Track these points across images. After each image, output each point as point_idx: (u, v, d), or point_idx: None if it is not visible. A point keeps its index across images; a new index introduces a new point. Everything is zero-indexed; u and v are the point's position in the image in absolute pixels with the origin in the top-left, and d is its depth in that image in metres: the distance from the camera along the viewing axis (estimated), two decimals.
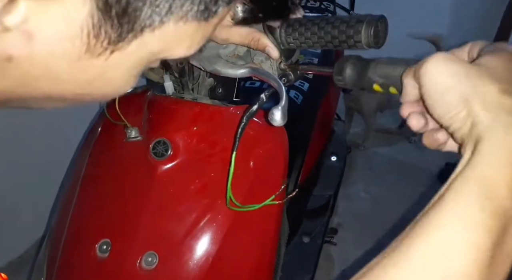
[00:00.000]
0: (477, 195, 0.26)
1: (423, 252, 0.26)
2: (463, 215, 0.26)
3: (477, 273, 0.25)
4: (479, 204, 0.26)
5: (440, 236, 0.26)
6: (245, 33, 0.48)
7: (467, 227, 0.26)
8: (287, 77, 0.51)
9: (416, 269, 0.26)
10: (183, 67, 0.65)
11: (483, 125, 0.28)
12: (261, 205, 0.61)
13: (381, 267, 0.27)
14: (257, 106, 0.50)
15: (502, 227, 0.26)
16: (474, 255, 0.25)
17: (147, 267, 0.61)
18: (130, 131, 0.68)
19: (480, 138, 0.27)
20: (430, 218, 0.27)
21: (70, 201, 0.71)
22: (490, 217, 0.26)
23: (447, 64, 0.30)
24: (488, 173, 0.27)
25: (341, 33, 0.43)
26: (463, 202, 0.26)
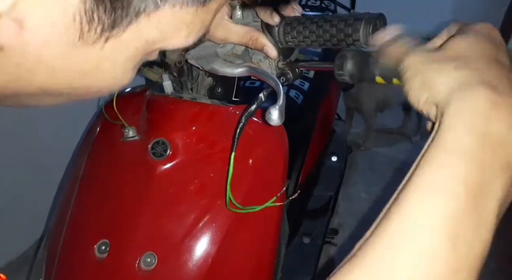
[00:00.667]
0: (441, 166, 0.27)
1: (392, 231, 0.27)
2: (431, 186, 0.26)
3: (448, 244, 0.25)
4: (445, 175, 0.26)
5: (407, 212, 0.27)
6: (243, 32, 0.48)
7: (436, 197, 0.26)
8: (286, 76, 0.51)
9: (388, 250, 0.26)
10: (181, 66, 0.65)
11: (443, 101, 0.29)
12: (262, 207, 0.61)
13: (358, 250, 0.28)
14: (255, 105, 0.50)
15: (471, 195, 0.26)
16: (445, 223, 0.25)
17: (146, 267, 0.61)
18: (128, 130, 0.68)
19: (443, 112, 0.29)
20: (399, 197, 0.28)
21: (69, 202, 0.71)
22: (457, 184, 0.26)
23: (415, 56, 0.33)
24: (450, 142, 0.27)
25: (339, 32, 0.42)
26: (429, 174, 0.27)
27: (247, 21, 0.51)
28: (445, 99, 0.29)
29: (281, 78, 0.50)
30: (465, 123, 0.27)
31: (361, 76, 0.42)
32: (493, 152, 0.27)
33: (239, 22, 0.52)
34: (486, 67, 0.30)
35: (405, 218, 0.27)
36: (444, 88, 0.29)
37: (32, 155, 1.41)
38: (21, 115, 1.33)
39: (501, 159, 0.27)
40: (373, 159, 2.22)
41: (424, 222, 0.26)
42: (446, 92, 0.29)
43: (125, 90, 0.79)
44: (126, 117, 0.69)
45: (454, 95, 0.28)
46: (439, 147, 0.27)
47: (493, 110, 0.27)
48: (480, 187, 0.26)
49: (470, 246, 0.26)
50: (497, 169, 0.27)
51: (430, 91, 0.31)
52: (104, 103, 0.74)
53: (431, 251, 0.25)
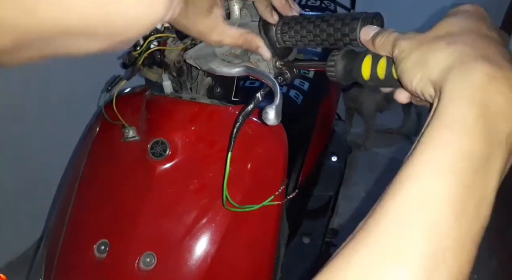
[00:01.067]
0: (444, 141, 0.27)
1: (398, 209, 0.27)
2: (434, 164, 0.26)
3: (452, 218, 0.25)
4: (447, 150, 0.26)
5: (413, 188, 0.27)
6: (237, 34, 0.48)
7: (440, 174, 0.26)
8: (283, 76, 0.51)
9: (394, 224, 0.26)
10: (180, 66, 0.65)
11: (439, 78, 0.29)
12: (259, 205, 0.61)
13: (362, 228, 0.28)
14: (252, 105, 0.50)
15: (473, 170, 0.26)
16: (450, 200, 0.25)
17: (146, 267, 0.61)
18: (128, 130, 0.68)
19: (441, 88, 0.29)
20: (401, 175, 0.28)
21: (68, 202, 0.71)
22: (461, 161, 0.26)
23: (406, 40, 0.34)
24: (452, 116, 0.27)
25: (337, 31, 0.42)
26: (431, 150, 0.27)
27: (245, 21, 0.51)
28: (442, 76, 0.29)
29: (279, 78, 0.50)
30: (464, 97, 0.27)
31: (352, 76, 0.42)
32: (494, 126, 0.27)
33: (237, 22, 0.52)
34: (479, 42, 0.30)
35: (411, 194, 0.26)
36: (439, 64, 0.30)
37: (32, 154, 1.41)
38: (21, 115, 1.34)
39: (501, 133, 0.27)
40: (373, 159, 2.22)
41: (430, 198, 0.26)
42: (441, 68, 0.29)
43: (125, 90, 0.79)
44: (126, 117, 0.69)
45: (451, 71, 0.29)
46: (440, 123, 0.27)
47: (492, 84, 0.27)
48: (483, 161, 0.26)
49: (472, 220, 0.26)
50: (498, 143, 0.27)
51: (424, 69, 0.31)
52: (104, 103, 0.74)
53: (438, 226, 0.25)
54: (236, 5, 0.52)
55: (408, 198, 0.26)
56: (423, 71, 0.31)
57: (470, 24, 0.32)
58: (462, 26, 0.32)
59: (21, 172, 1.39)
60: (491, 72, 0.27)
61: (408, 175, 0.27)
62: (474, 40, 0.30)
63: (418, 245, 0.25)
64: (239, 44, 0.49)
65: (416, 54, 0.32)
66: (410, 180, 0.27)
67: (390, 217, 0.27)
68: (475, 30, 0.31)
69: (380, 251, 0.26)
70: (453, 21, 0.33)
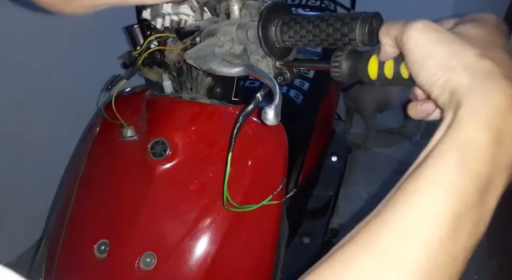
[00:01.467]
0: (455, 161, 0.27)
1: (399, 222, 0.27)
2: (440, 181, 0.26)
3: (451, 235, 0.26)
4: (457, 170, 0.26)
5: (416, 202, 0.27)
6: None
7: (447, 193, 0.26)
8: (283, 76, 0.51)
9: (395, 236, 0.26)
10: (180, 66, 0.65)
11: (461, 90, 0.28)
12: (259, 205, 0.61)
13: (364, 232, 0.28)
14: (252, 105, 0.50)
15: (478, 193, 0.26)
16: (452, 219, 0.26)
17: (146, 267, 0.61)
18: (126, 130, 0.68)
19: (460, 102, 0.28)
20: (408, 186, 0.28)
21: (68, 202, 0.71)
22: (469, 183, 0.26)
23: (428, 31, 0.31)
24: (466, 138, 0.27)
25: (336, 31, 0.42)
26: (441, 168, 0.27)
27: (245, 21, 0.51)
28: (464, 89, 0.28)
29: (279, 78, 0.50)
30: (482, 120, 0.27)
31: (357, 76, 0.42)
32: (504, 151, 0.27)
33: (236, 21, 0.52)
34: (507, 61, 0.29)
35: (413, 208, 0.27)
36: (466, 76, 0.28)
37: (32, 155, 1.41)
38: (21, 114, 1.34)
39: (508, 158, 0.27)
40: (373, 159, 2.22)
41: (432, 214, 0.26)
42: (467, 81, 0.28)
43: (125, 90, 0.79)
44: (126, 117, 0.69)
45: (475, 87, 0.28)
46: (453, 142, 0.27)
47: (509, 109, 0.27)
48: (487, 184, 0.27)
49: (470, 239, 0.26)
50: (503, 168, 0.27)
51: (449, 76, 0.29)
52: (104, 103, 0.74)
53: (436, 241, 0.26)
54: (235, 5, 0.52)
55: (410, 212, 0.27)
56: (448, 76, 0.29)
57: (499, 39, 0.31)
58: (491, 38, 0.31)
59: (21, 172, 1.39)
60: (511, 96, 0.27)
61: (413, 188, 0.27)
62: (503, 58, 0.29)
63: (416, 259, 0.25)
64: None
65: (442, 53, 0.30)
66: (414, 194, 0.27)
67: (392, 228, 0.27)
68: (501, 46, 0.30)
69: (378, 261, 0.26)
70: (481, 29, 0.31)
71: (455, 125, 0.27)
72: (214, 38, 0.53)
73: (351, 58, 0.42)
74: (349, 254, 0.27)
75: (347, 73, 0.43)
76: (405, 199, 0.27)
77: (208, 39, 0.53)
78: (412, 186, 0.28)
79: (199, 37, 0.59)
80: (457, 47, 0.30)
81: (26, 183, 1.41)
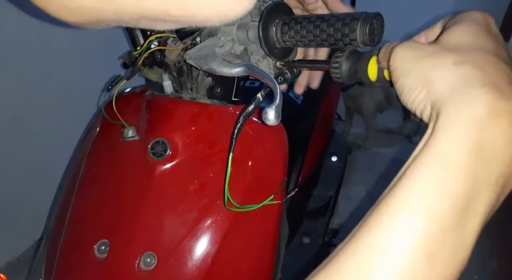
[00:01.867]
0: (428, 179, 0.25)
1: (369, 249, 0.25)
2: (413, 204, 0.25)
3: (425, 263, 0.24)
4: (430, 188, 0.24)
5: (386, 227, 0.25)
6: None
7: (418, 215, 0.24)
8: (284, 76, 0.51)
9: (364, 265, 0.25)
10: (181, 66, 0.65)
11: (440, 101, 0.27)
12: (260, 205, 0.61)
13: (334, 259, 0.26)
14: (253, 106, 0.50)
15: (455, 212, 0.24)
16: (425, 243, 0.24)
17: (146, 268, 0.61)
18: (127, 130, 0.68)
19: (438, 114, 0.26)
20: (381, 207, 0.26)
21: (69, 202, 0.71)
22: (443, 202, 0.24)
23: (406, 50, 0.31)
24: (441, 153, 0.25)
25: (337, 31, 0.42)
26: (414, 186, 0.25)
27: (245, 21, 0.51)
28: (442, 100, 0.26)
29: (279, 78, 0.50)
30: (459, 131, 0.25)
31: (357, 77, 0.42)
32: (485, 165, 0.24)
33: (237, 21, 0.52)
34: (488, 64, 0.27)
35: (383, 233, 0.25)
36: (443, 86, 0.27)
37: (32, 155, 1.41)
38: (21, 115, 1.34)
39: (493, 173, 0.25)
40: (373, 159, 2.22)
41: (403, 239, 0.24)
42: (444, 91, 0.27)
43: (126, 90, 0.79)
44: (126, 117, 0.69)
45: (452, 97, 0.26)
46: (428, 157, 0.25)
47: (493, 119, 0.24)
48: (466, 203, 0.24)
49: (448, 265, 0.24)
50: (486, 184, 0.25)
51: (428, 89, 0.28)
52: (104, 103, 0.74)
53: (409, 270, 0.24)
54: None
55: (380, 237, 0.25)
56: (427, 90, 0.28)
57: (481, 39, 0.29)
58: (472, 41, 0.29)
59: (22, 172, 1.39)
60: (495, 105, 0.24)
61: (383, 211, 0.26)
62: (484, 61, 0.27)
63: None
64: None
65: (420, 70, 0.29)
66: (384, 217, 0.25)
67: (361, 256, 0.25)
68: (486, 49, 0.28)
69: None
70: (461, 33, 0.29)
71: (431, 139, 0.26)
72: (214, 38, 0.53)
73: (351, 59, 0.42)
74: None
75: (347, 74, 0.43)
76: (377, 221, 0.25)
77: (209, 39, 0.53)
78: (384, 207, 0.26)
79: (199, 37, 0.59)
80: (433, 60, 0.28)
81: (26, 183, 1.42)
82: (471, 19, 0.31)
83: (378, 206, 0.26)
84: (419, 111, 0.29)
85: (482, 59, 0.27)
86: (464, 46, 0.29)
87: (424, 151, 0.26)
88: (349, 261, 0.25)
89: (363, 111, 2.22)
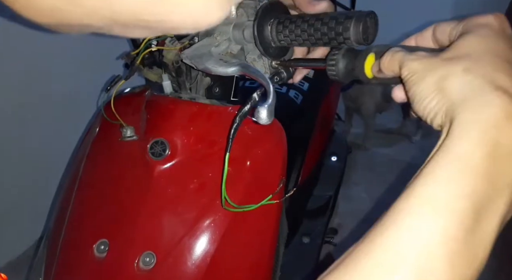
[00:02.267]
0: (445, 178, 0.25)
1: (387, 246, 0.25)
2: (433, 201, 0.25)
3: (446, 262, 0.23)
4: (447, 187, 0.25)
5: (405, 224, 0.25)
6: None
7: (437, 213, 0.24)
8: (280, 75, 0.51)
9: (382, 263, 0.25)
10: (179, 66, 0.65)
11: (453, 107, 0.27)
12: (258, 205, 0.61)
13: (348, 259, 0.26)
14: (249, 105, 0.50)
15: (474, 211, 0.24)
16: (444, 241, 0.24)
17: (145, 267, 0.61)
18: (126, 130, 0.68)
19: (453, 119, 0.27)
20: (399, 205, 0.26)
21: (68, 202, 0.71)
22: (462, 200, 0.24)
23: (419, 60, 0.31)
24: (459, 153, 0.25)
25: (330, 30, 0.42)
26: (430, 185, 0.25)
27: (242, 21, 0.51)
28: (456, 107, 0.27)
29: (275, 77, 0.50)
30: (476, 133, 0.25)
31: (353, 75, 0.42)
32: (501, 167, 0.25)
33: (233, 21, 0.52)
34: (499, 69, 0.27)
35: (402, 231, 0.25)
36: (455, 93, 0.27)
37: (32, 155, 1.41)
38: (21, 115, 1.34)
39: (508, 175, 0.25)
40: (373, 159, 2.22)
41: (423, 237, 0.24)
42: (457, 98, 0.27)
43: (125, 90, 0.80)
44: (126, 117, 0.69)
45: (465, 103, 0.26)
46: (446, 158, 0.26)
47: (507, 120, 0.25)
48: (484, 203, 0.24)
49: (468, 265, 0.24)
50: (503, 185, 0.25)
51: (441, 96, 0.28)
52: (104, 103, 0.74)
53: (430, 269, 0.23)
54: (233, 5, 0.52)
55: (399, 234, 0.25)
56: (439, 98, 0.28)
57: (492, 44, 0.29)
58: (482, 46, 0.29)
59: (21, 172, 1.40)
60: (507, 108, 0.25)
61: (402, 209, 0.26)
62: (495, 67, 0.27)
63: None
64: None
65: (432, 78, 0.29)
66: (403, 215, 0.25)
67: (379, 254, 0.25)
68: (497, 53, 0.28)
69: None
70: (472, 39, 0.30)
71: (447, 143, 0.26)
72: (211, 37, 0.53)
73: (348, 57, 0.42)
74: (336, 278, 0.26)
75: (344, 71, 0.43)
76: (392, 221, 0.26)
77: (205, 39, 0.53)
78: (398, 208, 0.26)
79: (197, 37, 0.59)
80: (444, 68, 0.29)
81: (26, 183, 1.42)
82: (483, 24, 0.31)
83: (395, 205, 0.26)
84: (430, 118, 0.30)
85: (493, 64, 0.28)
86: (475, 52, 0.29)
87: (441, 152, 0.26)
88: (366, 259, 0.25)
89: (362, 111, 2.22)
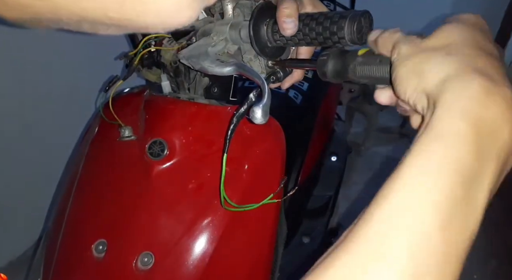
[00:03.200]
0: (432, 153, 0.26)
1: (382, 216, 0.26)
2: (421, 171, 0.26)
3: (438, 229, 0.24)
4: (435, 161, 0.26)
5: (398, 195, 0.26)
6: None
7: (426, 181, 0.25)
8: (276, 75, 0.51)
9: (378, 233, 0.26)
10: (177, 66, 0.65)
11: (436, 90, 0.28)
12: (258, 204, 0.61)
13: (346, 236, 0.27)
14: (246, 106, 0.50)
15: (464, 182, 0.25)
16: (434, 209, 0.25)
17: (143, 267, 0.61)
18: (124, 130, 0.68)
19: (436, 100, 0.28)
20: (387, 185, 0.27)
21: (67, 202, 0.71)
22: (452, 173, 0.25)
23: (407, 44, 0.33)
24: (443, 128, 0.26)
25: (325, 30, 0.42)
26: (418, 161, 0.27)
27: (238, 21, 0.51)
28: (438, 87, 0.28)
29: (271, 77, 0.51)
30: (459, 108, 0.26)
31: (343, 76, 0.42)
32: (487, 139, 0.26)
33: (230, 21, 0.52)
34: (477, 55, 0.29)
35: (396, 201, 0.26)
36: (436, 75, 0.29)
37: (32, 155, 1.41)
38: (20, 115, 1.34)
39: (493, 147, 0.26)
40: (373, 159, 2.22)
41: (416, 205, 0.25)
42: (438, 79, 0.29)
43: (124, 90, 0.80)
44: (124, 117, 0.69)
45: (447, 83, 0.28)
46: (431, 133, 0.27)
47: (488, 97, 0.26)
48: (472, 174, 0.26)
49: (460, 234, 0.25)
50: (490, 157, 0.26)
51: (420, 79, 0.30)
52: (102, 103, 0.74)
53: (422, 238, 0.24)
54: (229, 5, 0.52)
55: (393, 205, 0.26)
56: (418, 80, 0.30)
57: (470, 35, 0.31)
58: (461, 36, 0.31)
59: (21, 172, 1.40)
60: (487, 86, 0.27)
61: (394, 182, 0.27)
62: (472, 53, 0.29)
63: (401, 260, 0.24)
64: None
65: (413, 62, 0.31)
66: (396, 186, 0.27)
67: (374, 225, 0.26)
68: (474, 43, 0.31)
69: (362, 261, 0.25)
70: (452, 30, 0.32)
71: (432, 120, 0.27)
72: (208, 37, 0.53)
73: (337, 57, 0.42)
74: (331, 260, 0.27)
75: (333, 71, 0.43)
76: (385, 194, 0.27)
77: (202, 39, 0.53)
78: (391, 181, 0.27)
79: (194, 37, 0.59)
80: (425, 53, 0.31)
81: (26, 183, 1.42)
82: (462, 19, 0.33)
83: (385, 184, 0.27)
84: (413, 102, 0.31)
85: (470, 51, 0.30)
86: (455, 41, 0.31)
87: (427, 130, 0.27)
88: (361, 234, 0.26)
89: (366, 109, 2.21)
